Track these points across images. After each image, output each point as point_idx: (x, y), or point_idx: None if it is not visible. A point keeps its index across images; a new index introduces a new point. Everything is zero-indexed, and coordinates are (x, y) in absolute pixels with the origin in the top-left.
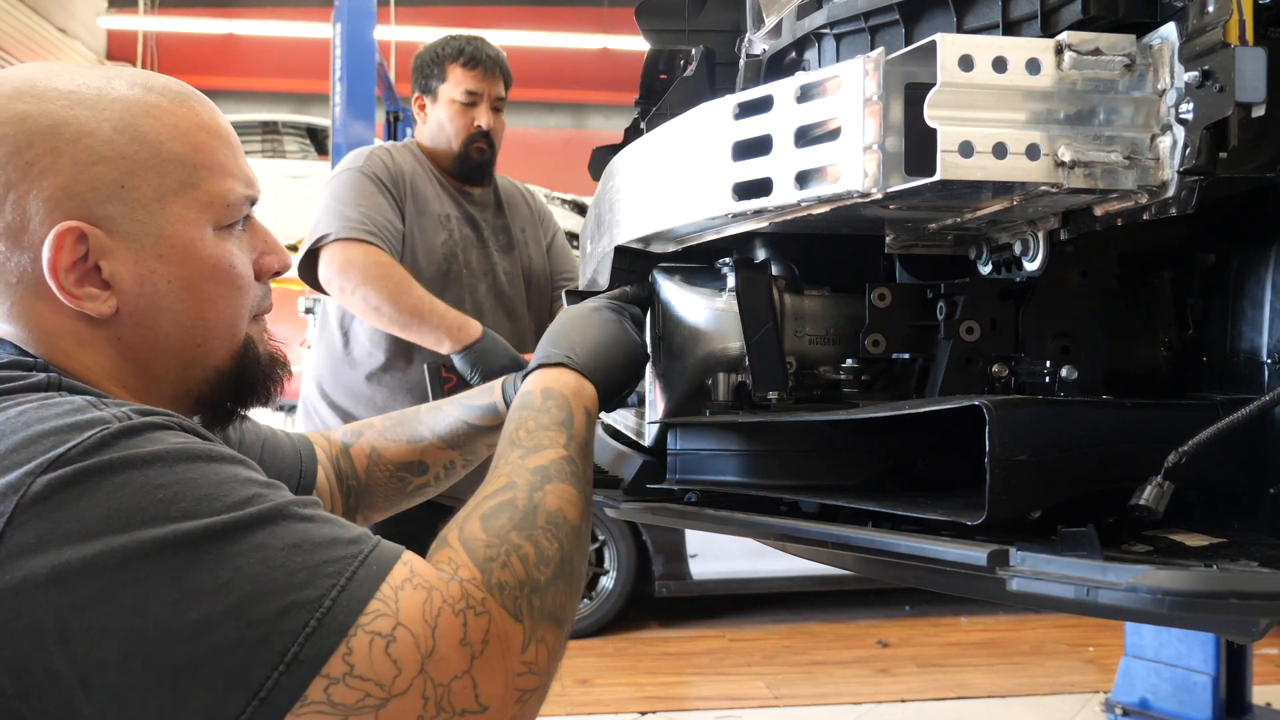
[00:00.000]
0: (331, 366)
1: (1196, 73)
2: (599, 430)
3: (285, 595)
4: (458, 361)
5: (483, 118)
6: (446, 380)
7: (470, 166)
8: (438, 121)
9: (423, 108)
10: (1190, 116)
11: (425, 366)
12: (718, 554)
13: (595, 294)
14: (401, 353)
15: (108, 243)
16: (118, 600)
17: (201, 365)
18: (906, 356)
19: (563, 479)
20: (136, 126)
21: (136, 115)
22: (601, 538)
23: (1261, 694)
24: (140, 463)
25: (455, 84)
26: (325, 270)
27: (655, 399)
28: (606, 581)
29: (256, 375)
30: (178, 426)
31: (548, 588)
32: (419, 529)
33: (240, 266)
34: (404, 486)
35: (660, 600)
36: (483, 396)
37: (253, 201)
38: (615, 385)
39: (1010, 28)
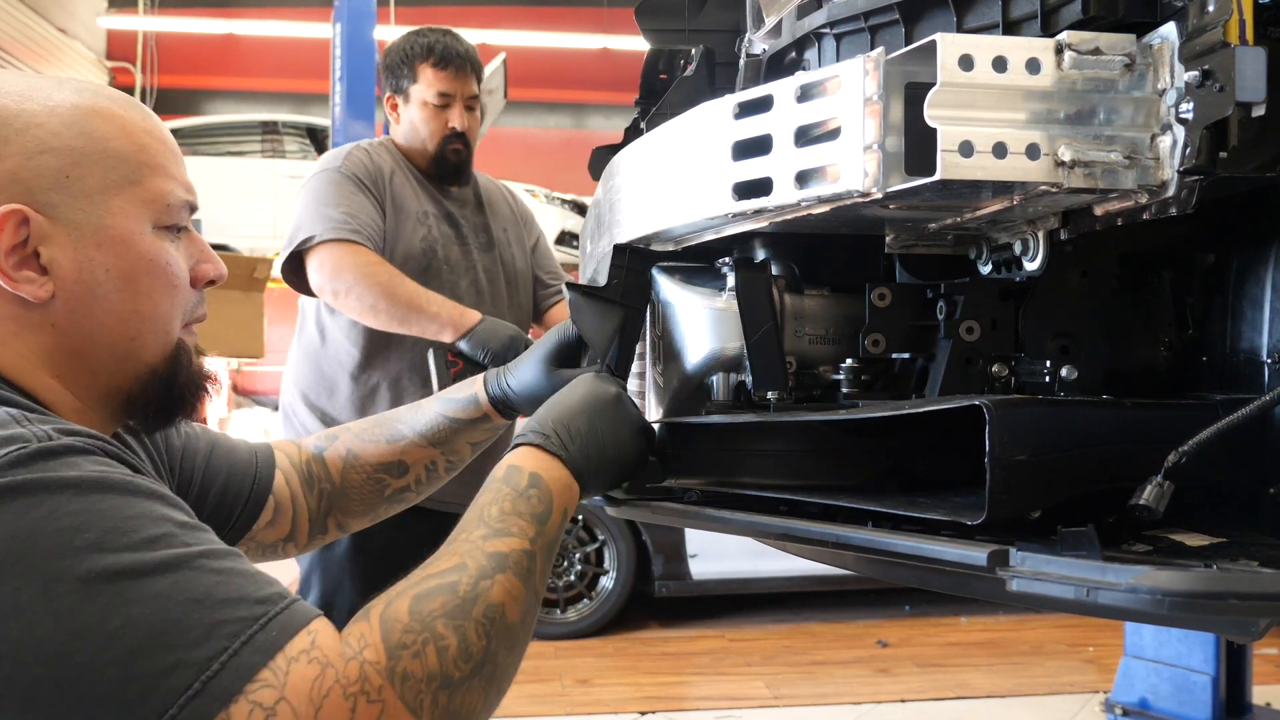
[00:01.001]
0: (311, 367)
1: (1196, 72)
2: None
3: (174, 652)
4: (464, 346)
5: (457, 119)
6: (453, 365)
7: (447, 167)
8: (411, 122)
9: (395, 107)
10: (1190, 116)
11: (430, 353)
12: (718, 554)
13: (597, 290)
14: (380, 348)
15: (49, 229)
16: (4, 626)
17: (135, 361)
18: (906, 356)
19: (518, 573)
20: (85, 123)
21: (86, 114)
22: (601, 537)
23: (1261, 694)
24: (52, 487)
25: (427, 85)
26: (316, 275)
27: (655, 399)
28: (606, 581)
29: (187, 382)
30: (100, 451)
31: (460, 685)
32: (416, 541)
33: (176, 266)
34: (382, 490)
35: (660, 600)
36: (463, 389)
37: (192, 209)
38: (599, 489)
39: (1010, 27)
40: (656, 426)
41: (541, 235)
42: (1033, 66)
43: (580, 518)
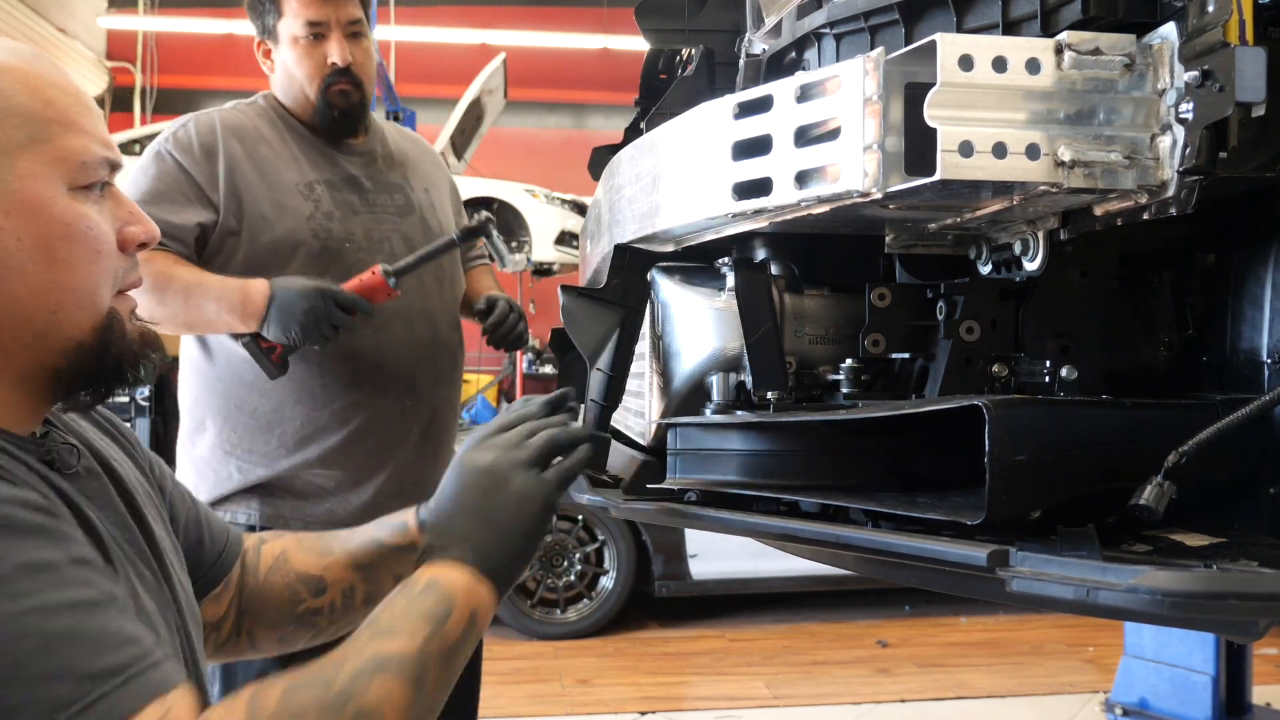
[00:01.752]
0: (214, 387)
1: (1196, 72)
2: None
3: (23, 690)
4: (268, 333)
5: (335, 51)
6: (270, 350)
7: (334, 116)
8: (284, 68)
9: (268, 54)
10: (1190, 116)
11: (242, 344)
12: (718, 554)
13: (595, 291)
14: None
15: None
16: None
17: (58, 335)
18: (906, 356)
19: (399, 677)
20: None
21: None
22: (601, 538)
23: (1261, 694)
24: None
25: (294, 16)
26: None
27: (655, 398)
28: (606, 581)
29: (123, 353)
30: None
31: None
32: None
33: (97, 230)
34: (296, 605)
35: (660, 600)
36: (401, 514)
37: (113, 166)
38: (512, 574)
39: (1010, 27)
40: (656, 427)
41: (454, 186)
42: (1033, 66)
43: (580, 518)
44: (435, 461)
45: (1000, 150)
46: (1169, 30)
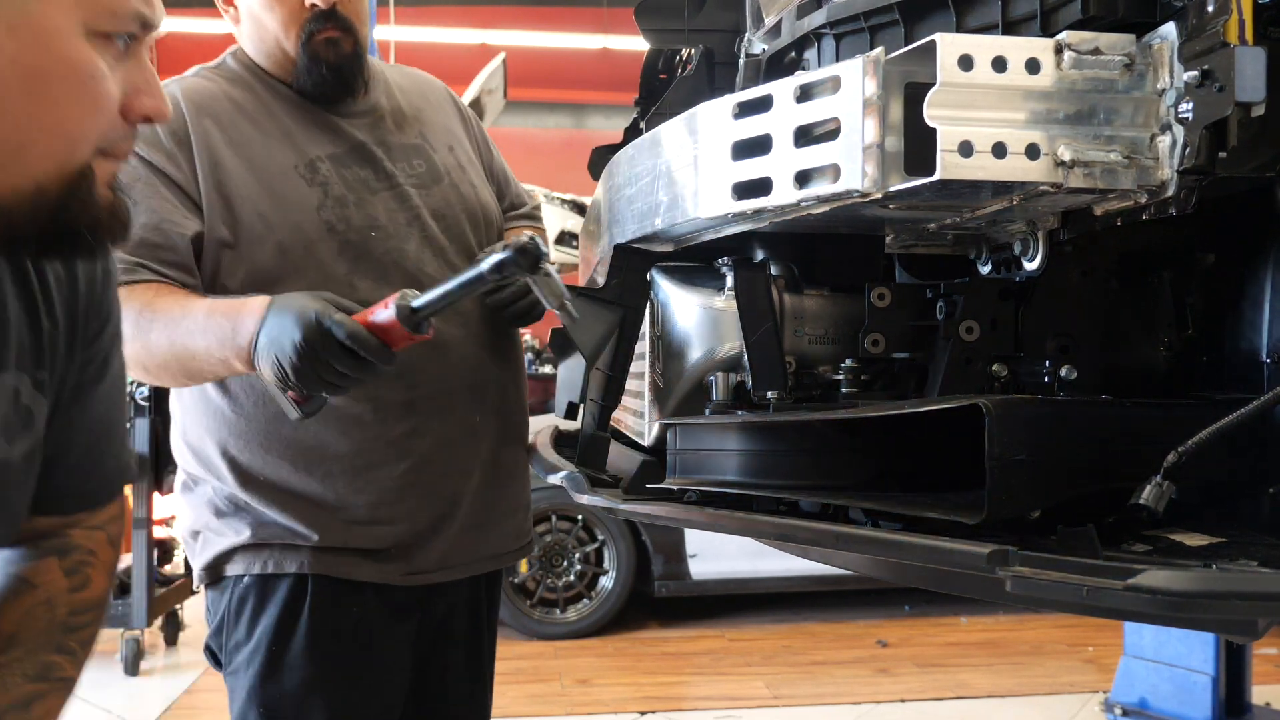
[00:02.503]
0: (226, 425)
1: (1196, 72)
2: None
3: None
4: (265, 373)
5: None
6: (287, 388)
7: (323, 74)
8: (252, 16)
9: (229, 1)
10: (1190, 116)
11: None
12: (717, 554)
13: (595, 292)
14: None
15: None
16: None
17: (19, 171)
18: (906, 356)
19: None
20: None
21: None
22: (601, 538)
23: (1261, 694)
24: None
25: None
26: None
27: (654, 399)
28: (606, 581)
29: (84, 215)
30: None
31: None
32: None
33: (100, 83)
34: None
35: (660, 600)
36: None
37: (146, 24)
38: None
39: (1010, 27)
40: (656, 426)
41: (474, 122)
42: (1032, 66)
43: (580, 518)
44: (510, 488)
45: (1000, 150)
46: (1169, 30)
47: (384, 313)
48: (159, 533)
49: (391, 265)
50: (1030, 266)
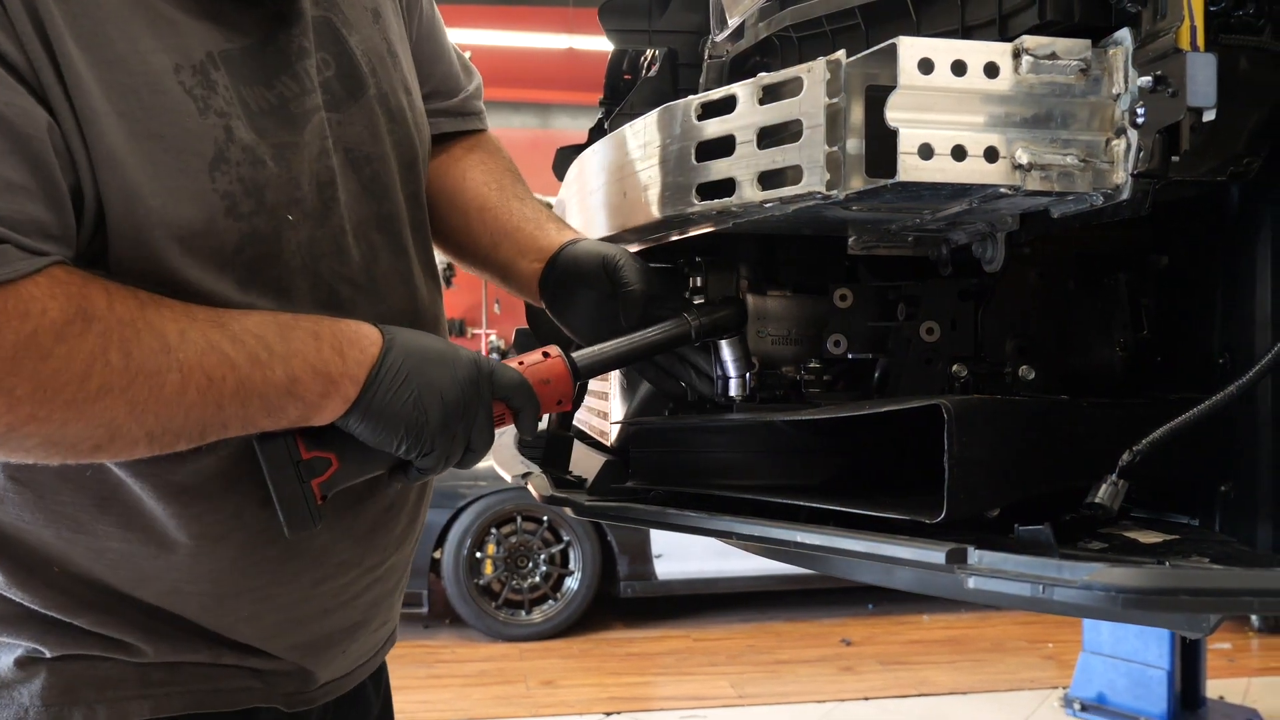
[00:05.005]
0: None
1: (1150, 78)
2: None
3: None
4: (359, 427)
5: None
6: (313, 470)
7: None
8: None
9: None
10: (1144, 120)
11: (258, 447)
12: (683, 554)
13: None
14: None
15: None
16: None
17: None
18: (868, 357)
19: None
20: None
21: None
22: (566, 538)
23: (1215, 687)
24: None
25: None
26: None
27: (620, 400)
28: (571, 582)
29: None
30: None
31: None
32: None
33: None
34: None
35: (625, 601)
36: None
37: None
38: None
39: (969, 32)
40: (616, 427)
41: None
42: (990, 70)
43: (545, 519)
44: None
45: (959, 153)
46: (1124, 35)
47: (541, 362)
48: None
49: (325, 246)
50: (990, 268)
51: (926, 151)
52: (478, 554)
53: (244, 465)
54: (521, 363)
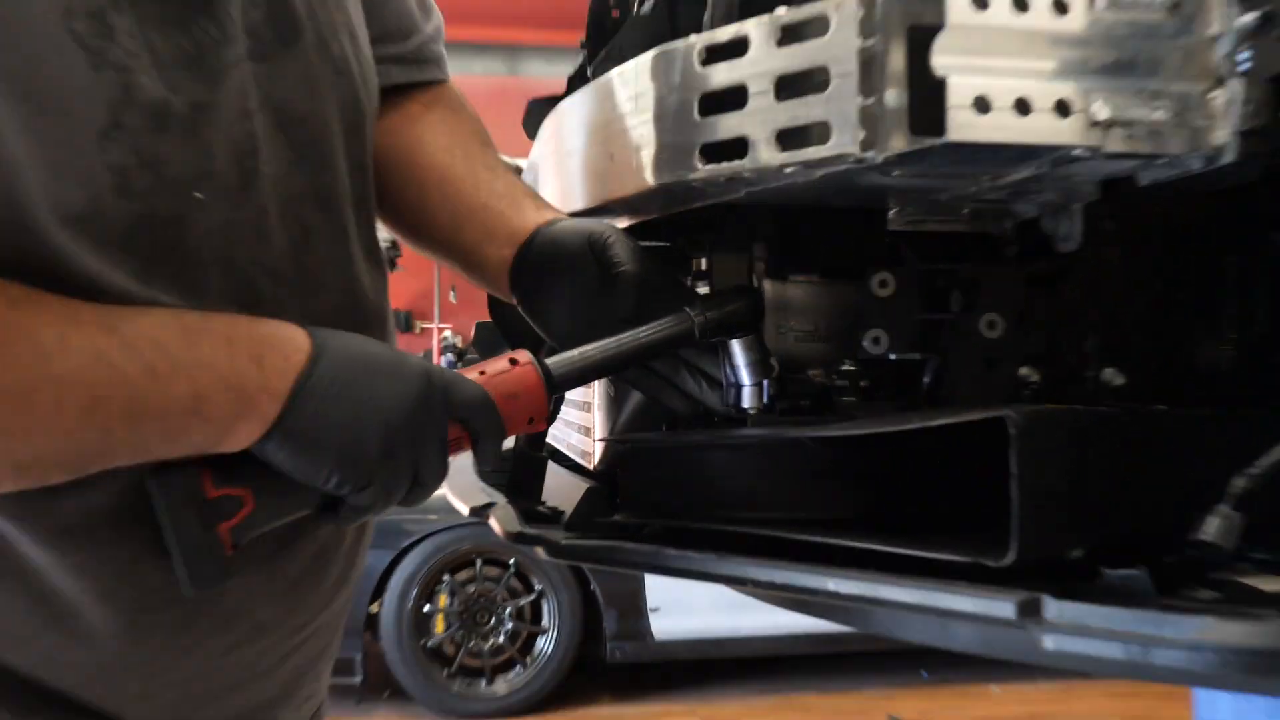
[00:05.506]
0: None
1: (1254, 15)
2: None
3: None
4: (282, 457)
5: None
6: (221, 511)
7: None
8: None
9: None
10: (1248, 67)
11: (151, 483)
12: (686, 607)
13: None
14: None
15: None
16: None
17: None
18: (915, 357)
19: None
20: None
21: None
22: (539, 587)
23: None
24: None
25: None
26: None
27: (603, 412)
28: (545, 644)
29: None
30: None
31: None
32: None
33: None
34: None
35: (614, 667)
36: None
37: None
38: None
39: None
40: (598, 446)
41: None
42: (1060, 6)
43: (512, 563)
44: None
45: (1023, 107)
46: None
47: (507, 371)
48: None
49: (228, 274)
50: (1065, 247)
51: (982, 105)
52: (426, 607)
53: (142, 503)
54: (483, 372)
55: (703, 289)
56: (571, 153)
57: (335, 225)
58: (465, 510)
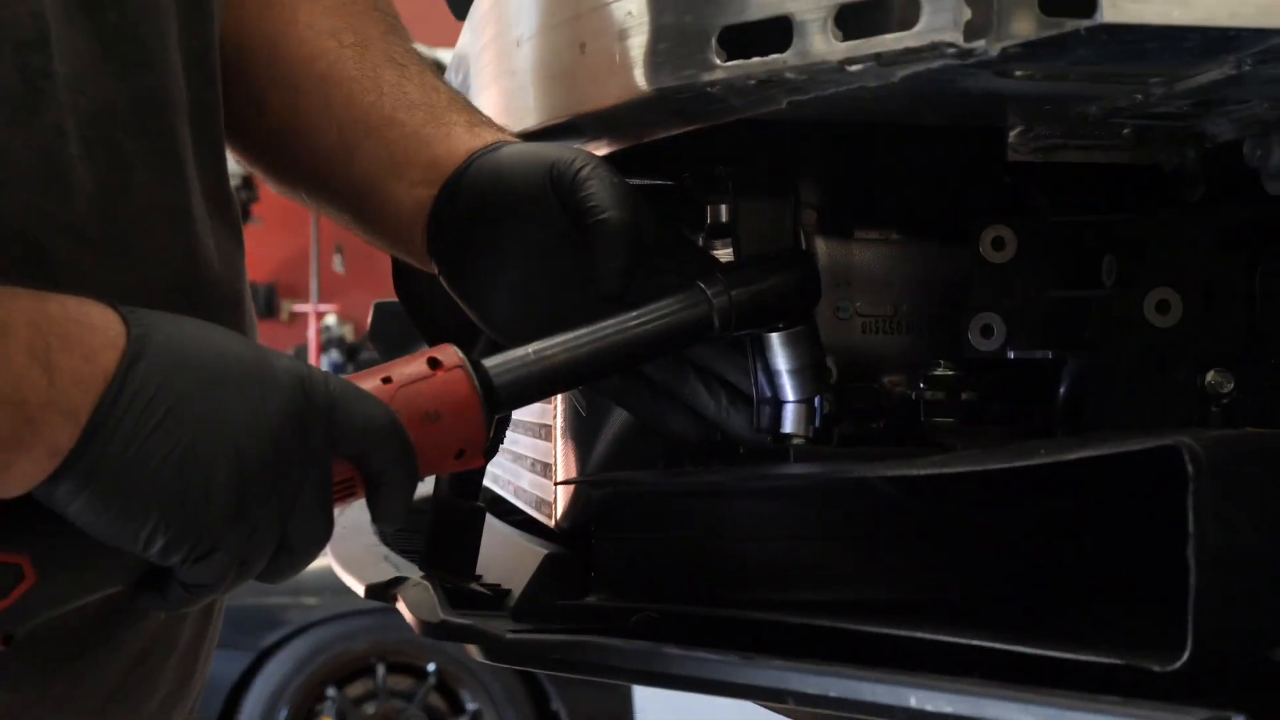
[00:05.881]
0: None
1: None
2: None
3: None
4: (77, 509)
5: None
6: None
7: None
8: None
9: None
10: None
11: None
12: None
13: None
14: None
15: None
16: None
17: None
18: (1046, 356)
19: None
20: None
21: None
22: (472, 707)
23: None
24: None
25: None
26: None
27: (569, 440)
28: None
29: None
30: None
31: None
32: None
33: None
34: None
35: None
36: None
37: None
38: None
39: None
40: (562, 491)
41: None
42: None
43: (431, 669)
44: None
45: None
46: None
47: (425, 379)
48: None
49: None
50: (1276, 189)
51: None
52: None
53: None
54: (388, 380)
55: (724, 253)
56: (521, 41)
57: (165, 154)
58: (360, 590)
